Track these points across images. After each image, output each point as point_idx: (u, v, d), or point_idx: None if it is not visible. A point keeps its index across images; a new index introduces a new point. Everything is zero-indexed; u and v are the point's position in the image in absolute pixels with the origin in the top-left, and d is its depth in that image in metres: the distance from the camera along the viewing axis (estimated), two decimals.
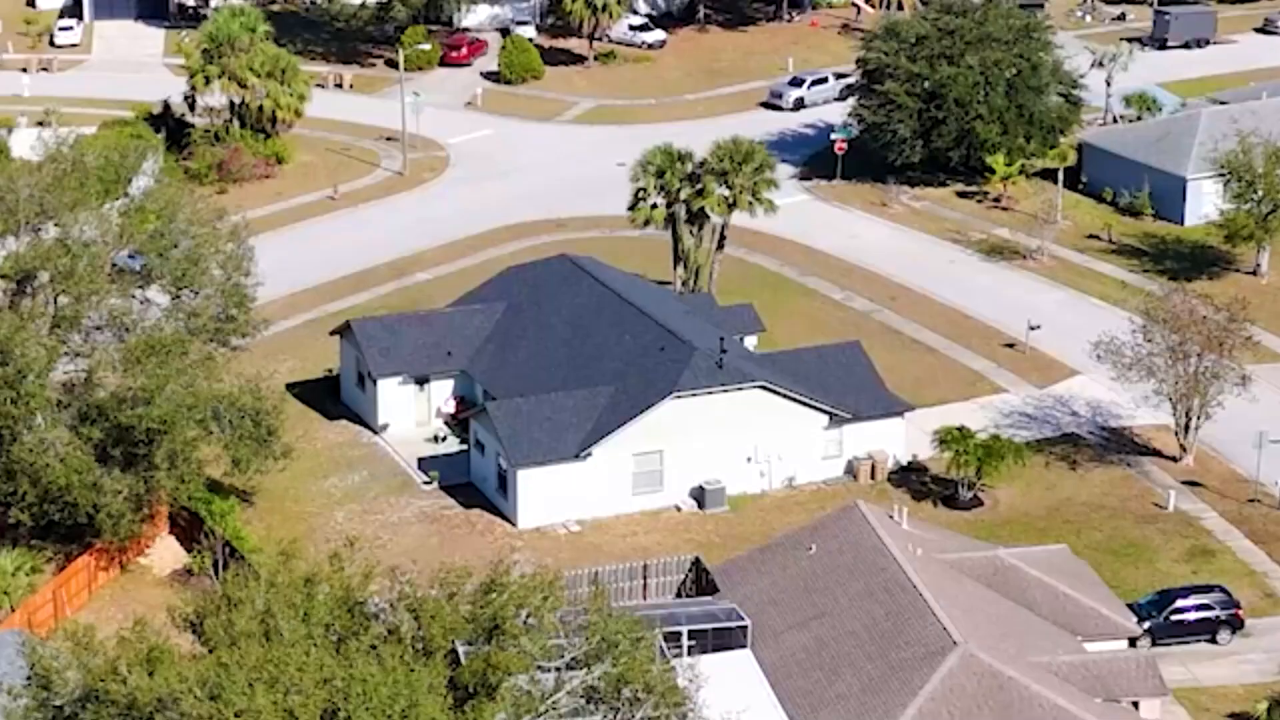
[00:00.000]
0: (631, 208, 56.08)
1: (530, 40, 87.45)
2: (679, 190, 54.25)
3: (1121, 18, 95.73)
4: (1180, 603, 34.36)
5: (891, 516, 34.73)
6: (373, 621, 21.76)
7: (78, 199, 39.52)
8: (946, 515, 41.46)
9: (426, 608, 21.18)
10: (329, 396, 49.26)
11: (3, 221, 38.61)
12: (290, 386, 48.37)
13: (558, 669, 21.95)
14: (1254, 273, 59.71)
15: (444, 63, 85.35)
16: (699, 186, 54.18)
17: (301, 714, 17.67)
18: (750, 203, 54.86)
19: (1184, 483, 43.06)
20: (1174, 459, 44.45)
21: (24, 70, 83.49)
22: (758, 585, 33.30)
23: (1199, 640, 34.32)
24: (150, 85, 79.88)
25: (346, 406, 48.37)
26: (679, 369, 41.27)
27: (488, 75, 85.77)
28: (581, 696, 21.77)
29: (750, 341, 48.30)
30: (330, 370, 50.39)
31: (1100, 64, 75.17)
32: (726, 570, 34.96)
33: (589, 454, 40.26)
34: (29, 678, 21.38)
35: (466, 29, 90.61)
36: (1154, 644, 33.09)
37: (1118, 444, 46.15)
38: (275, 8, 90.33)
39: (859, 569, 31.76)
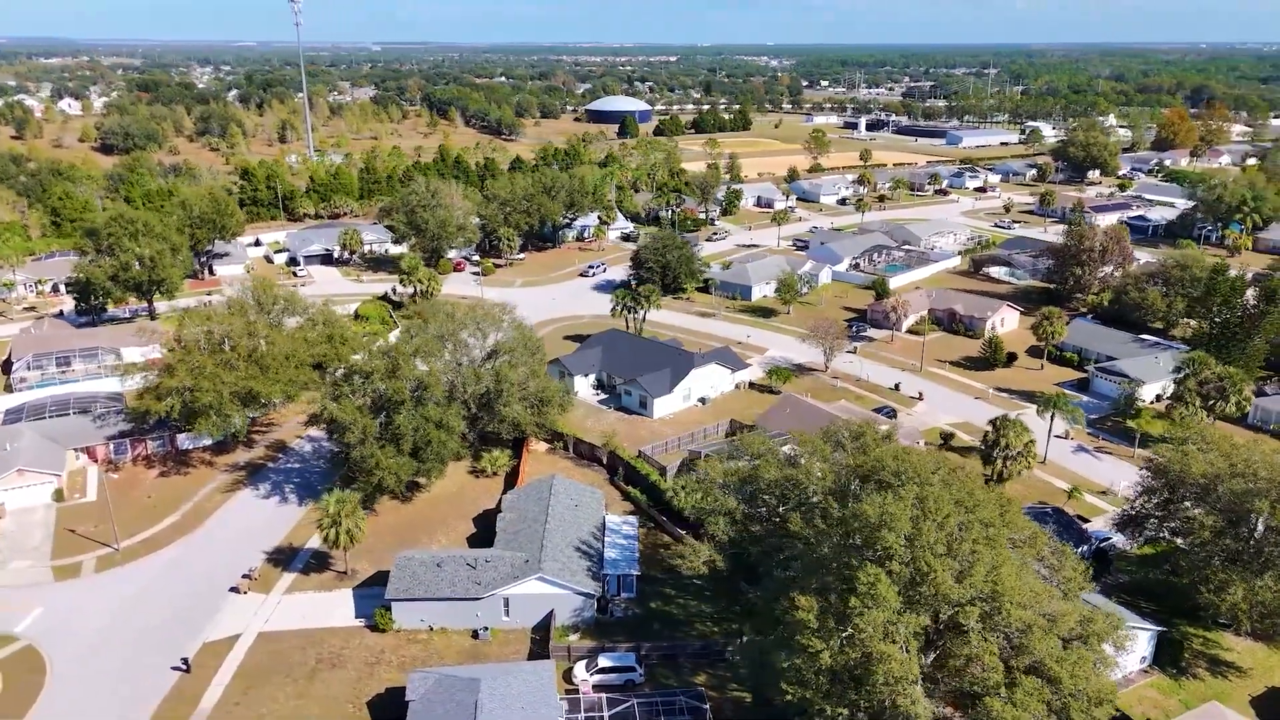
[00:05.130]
0: (613, 311, 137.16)
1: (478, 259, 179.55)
2: (627, 302, 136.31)
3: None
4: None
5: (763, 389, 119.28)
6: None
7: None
8: (760, 397, 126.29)
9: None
10: None
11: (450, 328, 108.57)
12: None
13: None
14: (788, 312, 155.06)
15: (456, 269, 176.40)
16: (632, 304, 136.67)
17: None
18: (650, 305, 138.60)
19: (832, 377, 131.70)
20: (825, 370, 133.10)
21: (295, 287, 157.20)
22: (766, 423, 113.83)
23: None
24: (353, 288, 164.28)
25: None
26: (691, 359, 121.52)
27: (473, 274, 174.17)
28: None
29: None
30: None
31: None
32: (758, 420, 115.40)
33: (671, 391, 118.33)
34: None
35: (457, 260, 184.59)
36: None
37: (806, 369, 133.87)
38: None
39: (794, 403, 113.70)
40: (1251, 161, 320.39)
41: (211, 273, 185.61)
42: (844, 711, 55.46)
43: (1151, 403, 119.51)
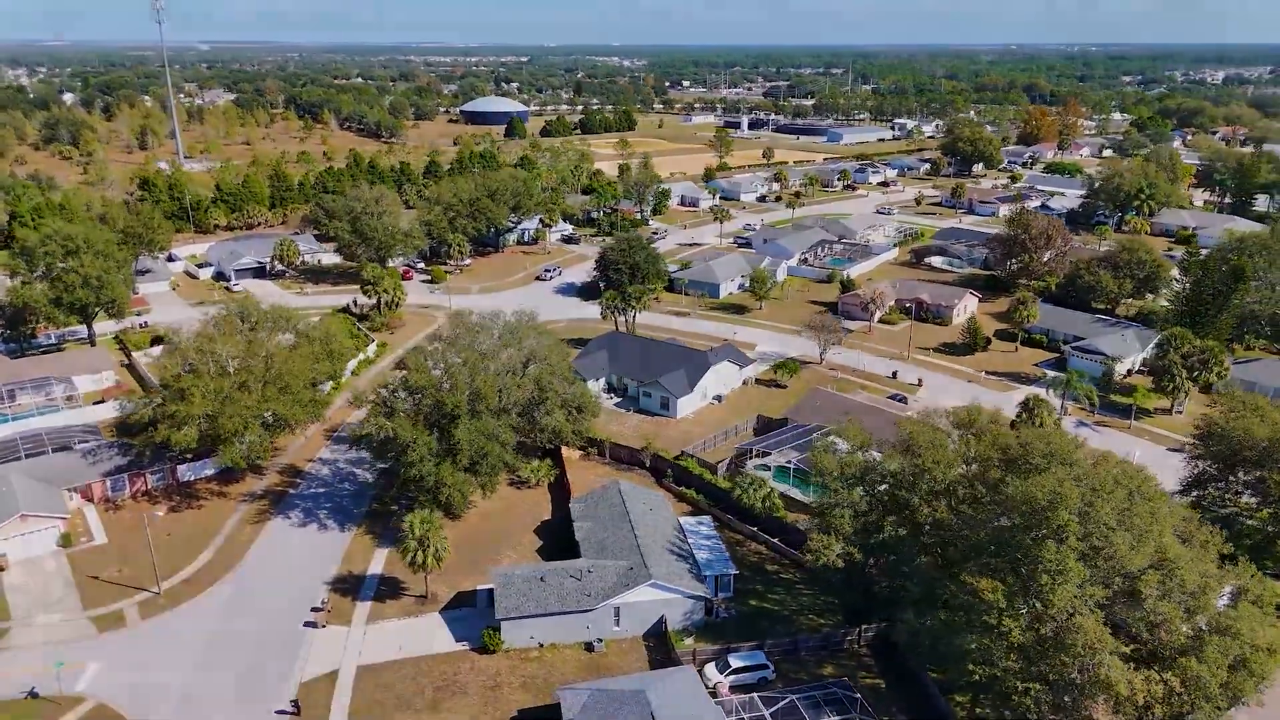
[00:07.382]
0: (602, 314, 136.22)
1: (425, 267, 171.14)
2: (618, 303, 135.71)
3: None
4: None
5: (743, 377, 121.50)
6: None
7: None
8: (768, 391, 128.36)
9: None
10: None
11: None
12: None
13: None
14: (760, 307, 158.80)
15: (404, 278, 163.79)
16: (624, 305, 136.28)
17: None
18: (641, 306, 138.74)
19: (829, 368, 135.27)
20: (820, 362, 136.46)
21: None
22: (799, 416, 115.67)
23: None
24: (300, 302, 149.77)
25: None
26: (706, 357, 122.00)
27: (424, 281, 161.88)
28: None
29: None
30: None
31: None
32: (788, 413, 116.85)
33: (691, 390, 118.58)
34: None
35: (403, 268, 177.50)
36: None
37: (802, 362, 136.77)
38: None
39: (822, 395, 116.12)
40: (1109, 153, 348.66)
41: (135, 291, 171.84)
42: (1035, 686, 57.77)
43: (1124, 377, 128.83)
